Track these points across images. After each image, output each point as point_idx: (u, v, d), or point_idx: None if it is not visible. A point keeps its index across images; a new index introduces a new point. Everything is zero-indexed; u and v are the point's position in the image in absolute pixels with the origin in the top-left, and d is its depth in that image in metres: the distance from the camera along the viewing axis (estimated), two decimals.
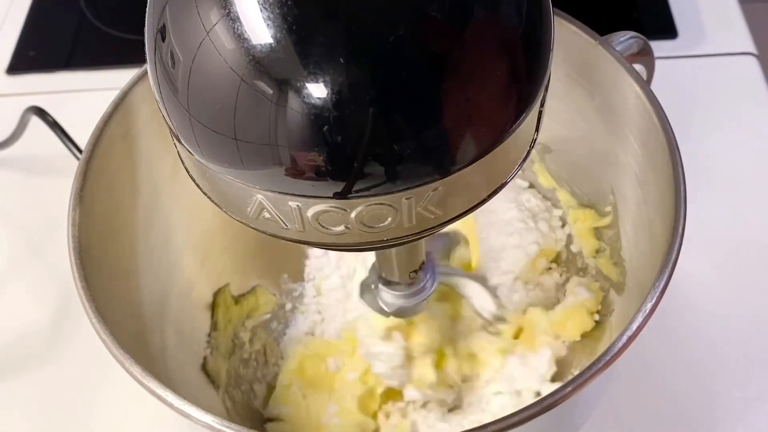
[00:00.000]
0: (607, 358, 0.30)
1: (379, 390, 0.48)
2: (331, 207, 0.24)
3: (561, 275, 0.51)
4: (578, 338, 0.48)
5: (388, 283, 0.41)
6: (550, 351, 0.47)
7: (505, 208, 0.52)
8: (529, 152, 0.28)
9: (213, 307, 0.50)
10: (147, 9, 0.25)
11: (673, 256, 0.32)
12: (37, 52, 0.69)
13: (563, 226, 0.51)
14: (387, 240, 0.26)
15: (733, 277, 0.52)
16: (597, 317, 0.48)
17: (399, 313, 0.43)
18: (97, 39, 0.69)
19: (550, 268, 0.52)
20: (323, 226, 0.25)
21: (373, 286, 0.43)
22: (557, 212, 0.51)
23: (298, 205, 0.25)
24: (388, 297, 0.42)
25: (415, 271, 0.39)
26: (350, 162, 0.23)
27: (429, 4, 0.22)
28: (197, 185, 0.28)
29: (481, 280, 0.50)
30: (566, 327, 0.48)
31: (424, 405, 0.48)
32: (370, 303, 0.44)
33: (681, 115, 0.42)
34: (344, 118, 0.22)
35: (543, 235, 0.51)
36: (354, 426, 0.47)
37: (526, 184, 0.52)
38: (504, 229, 0.51)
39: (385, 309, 0.42)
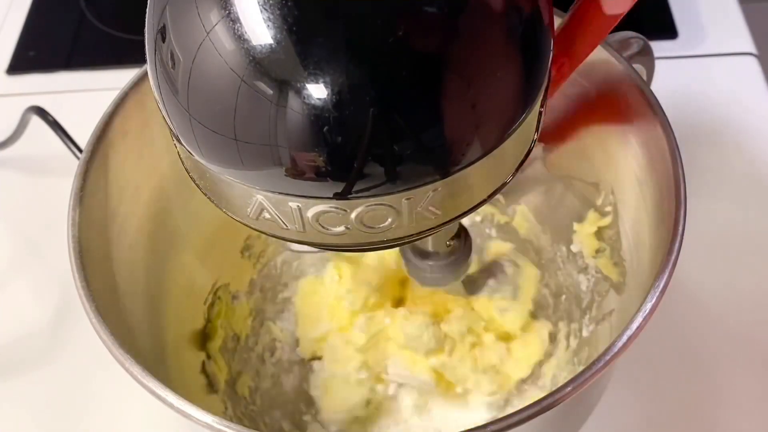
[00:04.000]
0: (607, 358, 0.30)
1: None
2: (331, 207, 0.24)
3: None
4: None
5: (425, 255, 0.41)
6: None
7: None
8: (529, 152, 0.28)
9: (212, 306, 0.50)
10: (147, 9, 0.25)
11: (673, 256, 0.32)
12: (37, 52, 0.69)
13: None
14: (387, 240, 0.26)
15: (733, 277, 0.52)
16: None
17: (434, 283, 0.42)
18: (97, 39, 0.69)
19: None
20: (323, 227, 0.25)
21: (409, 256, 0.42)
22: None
23: (298, 206, 0.25)
24: (426, 268, 0.41)
25: (452, 239, 0.39)
26: (350, 162, 0.23)
27: (429, 5, 0.22)
28: (197, 185, 0.28)
29: None
30: None
31: None
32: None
33: (681, 115, 0.42)
34: (344, 118, 0.22)
35: None
36: None
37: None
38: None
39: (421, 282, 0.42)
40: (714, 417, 0.47)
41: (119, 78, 0.41)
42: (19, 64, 0.68)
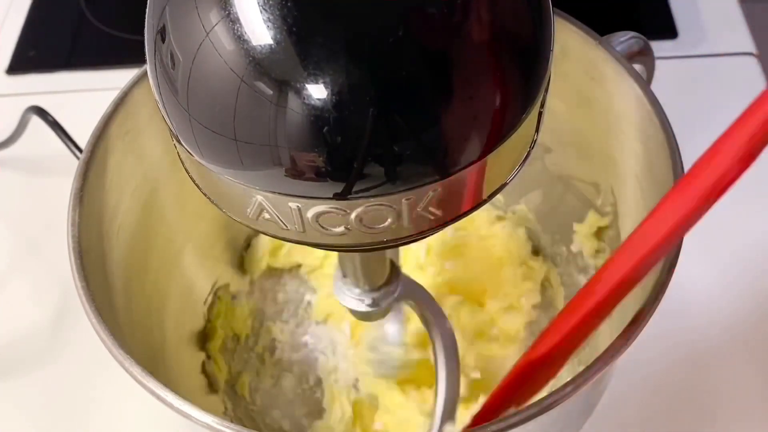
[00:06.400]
0: (607, 358, 0.30)
1: None
2: (331, 208, 0.24)
3: None
4: None
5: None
6: None
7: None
8: (529, 153, 0.28)
9: (212, 307, 0.50)
10: (147, 10, 0.25)
11: (673, 256, 0.32)
12: (37, 52, 0.69)
13: None
14: (387, 241, 0.26)
15: (733, 277, 0.52)
16: None
17: (364, 317, 0.41)
18: (97, 39, 0.69)
19: None
20: (323, 227, 0.25)
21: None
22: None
23: (298, 206, 0.25)
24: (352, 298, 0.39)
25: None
26: (350, 163, 0.23)
27: (428, 5, 0.22)
28: (197, 186, 0.28)
29: None
30: None
31: None
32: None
33: (681, 115, 0.42)
34: (344, 118, 0.22)
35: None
36: None
37: None
38: None
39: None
40: (714, 417, 0.47)
41: (119, 78, 0.41)
42: (19, 64, 0.68)
